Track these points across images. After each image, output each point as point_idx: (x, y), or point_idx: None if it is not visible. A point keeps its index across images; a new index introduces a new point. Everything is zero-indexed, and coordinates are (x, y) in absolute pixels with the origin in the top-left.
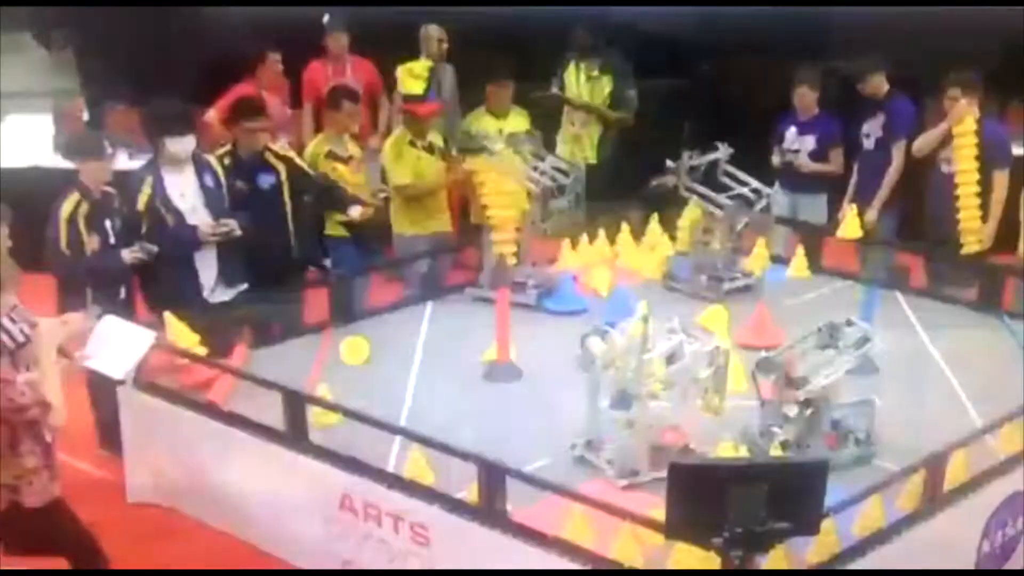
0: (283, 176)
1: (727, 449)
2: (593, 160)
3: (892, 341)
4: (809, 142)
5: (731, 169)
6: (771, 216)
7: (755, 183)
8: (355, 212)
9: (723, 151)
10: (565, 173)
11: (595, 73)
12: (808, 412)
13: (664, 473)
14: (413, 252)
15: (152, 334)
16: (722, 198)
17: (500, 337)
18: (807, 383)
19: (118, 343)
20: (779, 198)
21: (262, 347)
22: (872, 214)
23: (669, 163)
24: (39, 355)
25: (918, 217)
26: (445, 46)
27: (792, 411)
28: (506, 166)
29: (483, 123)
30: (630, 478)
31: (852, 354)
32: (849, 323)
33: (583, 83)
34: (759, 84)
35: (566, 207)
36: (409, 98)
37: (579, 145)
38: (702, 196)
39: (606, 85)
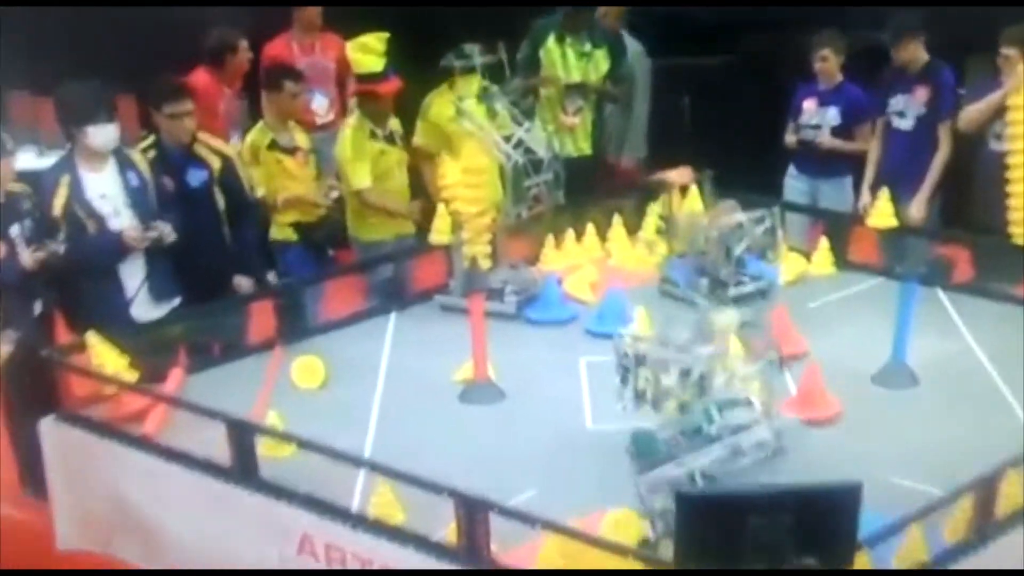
0: (216, 172)
1: None
2: (589, 151)
3: (933, 346)
4: (832, 115)
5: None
6: (776, 239)
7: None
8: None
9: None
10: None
11: (587, 48)
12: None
13: None
14: (373, 257)
15: None
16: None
17: (476, 352)
18: None
19: None
20: (796, 183)
21: (201, 370)
22: (920, 208)
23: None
24: None
25: (962, 201)
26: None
27: None
28: (483, 138)
29: (445, 108)
30: None
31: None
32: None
33: (574, 62)
34: (770, 51)
35: (543, 187)
36: (366, 77)
37: (571, 136)
38: None
39: (602, 61)
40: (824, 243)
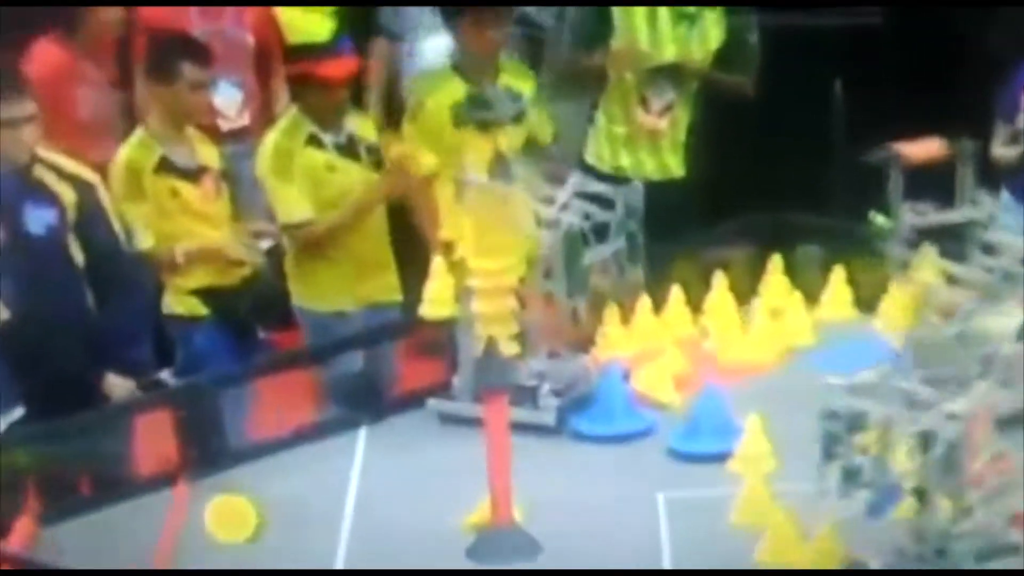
0: (71, 210)
1: None
2: (679, 171)
3: None
4: None
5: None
6: None
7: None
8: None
9: (988, 207)
10: (607, 201)
11: (691, 10)
12: None
13: None
14: (331, 339)
15: None
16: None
17: (495, 484)
18: None
19: None
20: (1009, 219)
21: (63, 519)
22: None
23: (879, 219)
24: None
25: None
26: None
27: None
28: (497, 208)
29: (449, 92)
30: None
31: None
32: None
33: (667, 30)
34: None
35: (611, 263)
36: (303, 51)
37: (652, 147)
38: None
39: (713, 29)
40: None
